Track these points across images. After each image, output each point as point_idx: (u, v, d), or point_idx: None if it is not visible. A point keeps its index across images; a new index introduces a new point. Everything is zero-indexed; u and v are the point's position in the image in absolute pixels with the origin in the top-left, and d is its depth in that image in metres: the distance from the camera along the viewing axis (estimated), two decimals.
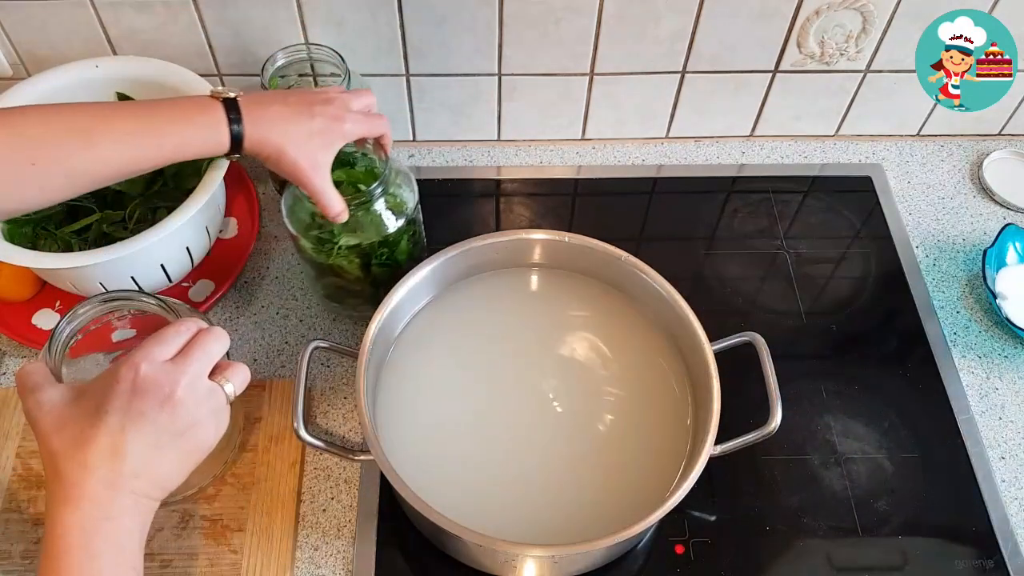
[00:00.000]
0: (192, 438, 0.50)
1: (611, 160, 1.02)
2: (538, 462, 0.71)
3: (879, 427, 0.81)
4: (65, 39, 0.87)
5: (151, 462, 0.48)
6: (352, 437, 0.81)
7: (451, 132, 1.01)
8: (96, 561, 0.46)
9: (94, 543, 0.46)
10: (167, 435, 0.48)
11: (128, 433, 0.47)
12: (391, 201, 0.76)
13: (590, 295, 0.79)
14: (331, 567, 0.73)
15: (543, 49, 0.90)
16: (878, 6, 0.87)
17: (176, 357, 0.51)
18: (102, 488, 0.46)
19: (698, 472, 0.64)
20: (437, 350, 0.76)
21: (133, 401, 0.47)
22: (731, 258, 0.94)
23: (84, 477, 0.46)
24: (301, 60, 0.86)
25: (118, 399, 0.47)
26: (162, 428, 0.48)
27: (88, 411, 0.48)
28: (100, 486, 0.46)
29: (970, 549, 0.75)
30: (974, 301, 0.91)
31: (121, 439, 0.47)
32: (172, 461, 0.49)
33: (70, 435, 0.47)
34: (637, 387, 0.75)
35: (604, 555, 0.70)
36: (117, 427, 0.47)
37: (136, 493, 0.48)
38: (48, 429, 0.48)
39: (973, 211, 0.98)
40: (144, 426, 0.47)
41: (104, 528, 0.46)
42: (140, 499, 0.48)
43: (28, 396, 0.50)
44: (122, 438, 0.47)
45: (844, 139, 1.04)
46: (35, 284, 0.86)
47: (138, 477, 0.47)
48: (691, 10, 0.87)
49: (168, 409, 0.48)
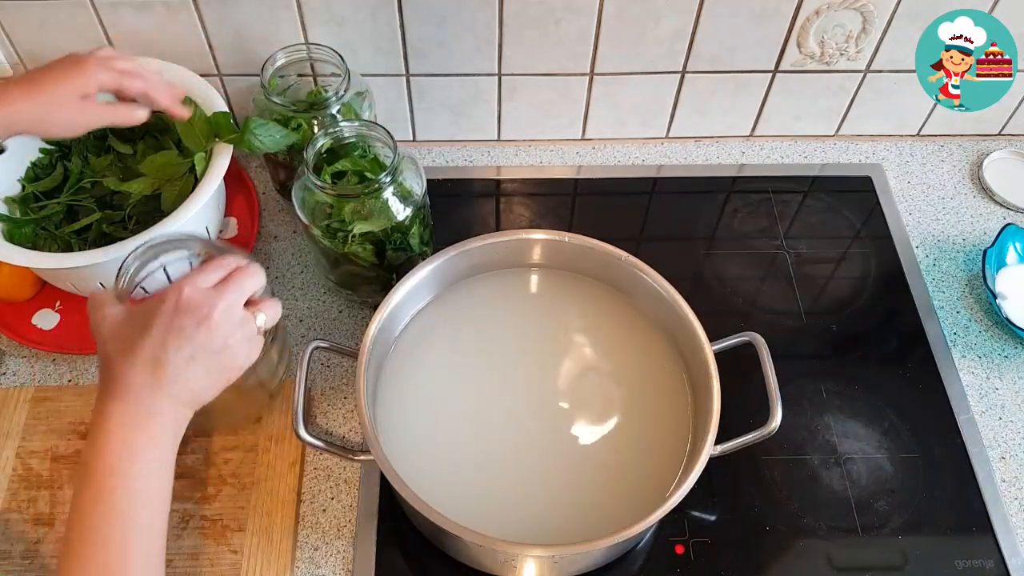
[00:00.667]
0: (224, 357, 0.56)
1: (611, 160, 1.02)
2: (538, 462, 0.71)
3: (879, 427, 0.81)
4: (65, 39, 0.87)
5: (186, 373, 0.54)
6: (352, 437, 0.81)
7: (451, 132, 1.01)
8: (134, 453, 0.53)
9: (134, 436, 0.53)
10: (202, 351, 0.55)
11: (168, 345, 0.54)
12: (399, 189, 0.76)
13: (590, 295, 0.79)
14: (331, 567, 0.73)
15: (543, 49, 0.90)
16: (878, 6, 0.87)
17: (216, 286, 0.57)
18: (144, 388, 0.54)
19: (698, 472, 0.64)
20: (437, 350, 0.76)
21: (175, 319, 0.54)
22: (731, 258, 0.94)
23: (130, 378, 0.54)
24: (301, 60, 0.86)
25: (162, 316, 0.54)
26: (198, 345, 0.55)
27: (138, 324, 0.55)
28: (143, 386, 0.54)
29: (970, 549, 0.74)
30: (974, 301, 0.91)
31: (162, 350, 0.54)
32: (205, 375, 0.56)
33: (122, 343, 0.55)
34: (637, 387, 0.75)
35: (604, 555, 0.70)
36: (159, 339, 0.54)
37: (172, 397, 0.54)
38: (106, 337, 0.56)
39: (973, 211, 0.98)
40: (182, 341, 0.54)
41: (144, 423, 0.53)
42: (176, 404, 0.55)
43: (95, 312, 0.57)
44: (163, 349, 0.54)
45: (844, 139, 1.04)
46: (35, 284, 0.86)
47: (175, 383, 0.54)
48: (691, 10, 0.87)
49: (205, 328, 0.55)
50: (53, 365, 0.84)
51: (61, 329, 0.85)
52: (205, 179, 0.78)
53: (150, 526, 0.54)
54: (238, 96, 0.95)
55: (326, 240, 0.77)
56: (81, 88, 0.70)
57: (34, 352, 0.84)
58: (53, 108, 0.70)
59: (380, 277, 0.81)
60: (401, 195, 0.77)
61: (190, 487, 0.75)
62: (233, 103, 0.95)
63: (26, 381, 0.83)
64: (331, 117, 0.83)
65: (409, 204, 0.77)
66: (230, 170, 0.80)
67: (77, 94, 0.70)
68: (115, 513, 0.52)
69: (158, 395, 0.54)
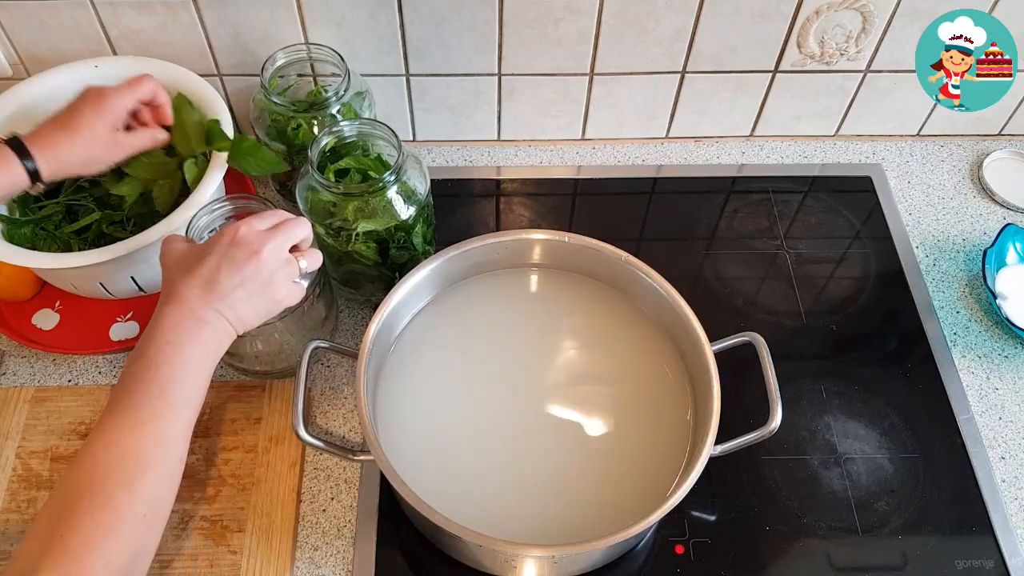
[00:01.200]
0: (269, 290, 0.64)
1: (611, 160, 1.02)
2: (538, 462, 0.71)
3: (879, 427, 0.81)
4: (65, 39, 0.87)
5: (234, 295, 0.62)
6: (352, 437, 0.81)
7: (451, 132, 1.01)
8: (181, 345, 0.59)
9: (183, 334, 0.60)
10: (250, 280, 0.62)
11: (222, 270, 0.61)
12: (403, 188, 0.76)
13: (590, 295, 0.79)
14: (331, 567, 0.73)
15: (543, 49, 0.90)
16: (878, 6, 0.87)
17: (268, 229, 0.64)
18: (197, 300, 0.61)
19: (698, 472, 0.63)
20: (437, 350, 0.76)
21: (230, 250, 0.62)
22: (731, 258, 0.94)
23: (187, 290, 0.61)
24: (301, 60, 0.86)
25: (219, 247, 0.62)
26: (247, 275, 0.62)
27: (198, 253, 0.63)
28: (196, 298, 0.61)
29: (970, 549, 0.74)
30: (974, 301, 0.91)
31: (216, 272, 0.61)
32: (250, 303, 0.63)
33: (184, 266, 0.63)
34: (637, 387, 0.75)
35: (604, 555, 0.70)
36: (215, 265, 0.62)
37: (220, 313, 0.61)
38: (171, 261, 0.64)
39: (973, 211, 0.98)
40: (233, 269, 0.62)
41: (193, 326, 0.60)
42: (222, 319, 0.62)
43: (165, 246, 0.65)
44: (217, 273, 0.61)
45: (844, 139, 1.04)
46: (35, 284, 0.86)
47: (223, 302, 0.61)
48: (691, 10, 0.87)
49: (254, 262, 0.62)
50: (53, 365, 0.84)
51: (61, 329, 0.85)
52: (205, 179, 0.78)
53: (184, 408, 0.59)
54: (238, 96, 0.95)
55: (329, 239, 0.77)
56: (113, 122, 0.75)
57: (34, 352, 0.84)
58: (97, 147, 0.75)
59: (383, 276, 0.81)
60: (405, 194, 0.77)
61: (190, 487, 0.75)
62: (233, 103, 0.95)
63: (26, 381, 0.83)
64: (331, 117, 0.83)
65: (413, 203, 0.77)
66: (230, 170, 0.80)
67: (111, 128, 0.75)
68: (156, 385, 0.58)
69: (208, 308, 0.61)
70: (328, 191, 0.74)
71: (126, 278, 0.80)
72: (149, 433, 0.56)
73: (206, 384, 0.61)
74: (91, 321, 0.85)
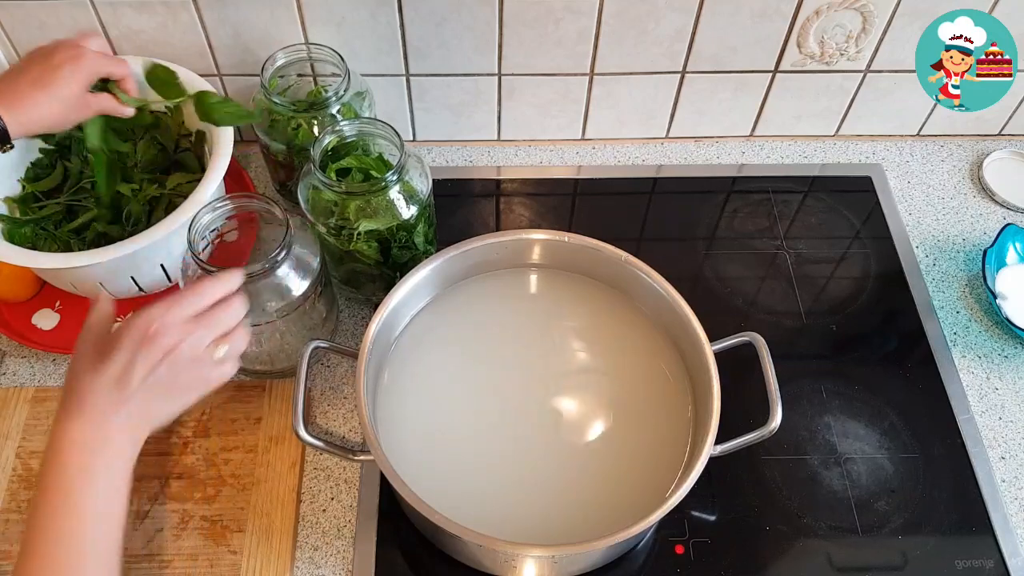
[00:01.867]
0: (183, 387, 0.59)
1: (611, 160, 1.02)
2: (538, 462, 0.71)
3: (879, 427, 0.81)
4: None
5: (146, 397, 0.57)
6: (352, 437, 0.81)
7: (451, 132, 1.01)
8: (90, 476, 0.55)
9: (91, 459, 0.55)
10: (163, 380, 0.58)
11: (132, 370, 0.56)
12: (405, 187, 0.76)
13: (590, 295, 0.79)
14: (331, 567, 0.73)
15: (543, 49, 0.90)
16: (878, 6, 0.87)
17: (193, 319, 0.59)
18: (105, 407, 0.56)
19: (698, 472, 0.63)
20: (437, 350, 0.76)
21: (142, 347, 0.57)
22: (731, 258, 0.94)
23: (93, 395, 0.56)
24: (301, 60, 0.86)
25: (131, 339, 0.57)
26: (159, 374, 0.57)
27: (109, 345, 0.58)
28: (104, 405, 0.56)
29: (970, 549, 0.74)
30: (974, 301, 0.91)
31: (126, 374, 0.56)
32: (163, 402, 0.59)
33: (90, 361, 0.57)
34: (637, 387, 0.75)
35: (604, 555, 0.70)
36: (125, 362, 0.57)
37: (131, 418, 0.57)
38: (79, 352, 0.59)
39: (973, 211, 0.98)
40: (147, 368, 0.57)
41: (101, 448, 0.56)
42: (133, 425, 0.57)
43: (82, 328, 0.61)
44: (127, 373, 0.56)
45: (844, 139, 1.04)
46: (35, 284, 0.86)
47: (133, 404, 0.57)
48: (691, 10, 0.87)
49: (169, 360, 0.57)
50: (53, 365, 0.84)
51: (61, 329, 0.85)
52: (204, 179, 0.77)
53: (104, 547, 0.55)
54: (238, 96, 0.95)
55: (331, 238, 0.77)
56: (87, 81, 0.72)
57: (34, 352, 0.84)
58: (71, 106, 0.72)
59: (384, 276, 0.81)
60: (407, 194, 0.77)
61: (190, 487, 0.75)
62: None
63: (26, 381, 0.83)
64: (331, 117, 0.83)
65: (414, 203, 0.77)
66: (230, 170, 0.80)
67: (84, 88, 0.72)
68: (69, 536, 0.54)
69: (117, 415, 0.56)
70: (330, 190, 0.74)
71: (126, 278, 0.80)
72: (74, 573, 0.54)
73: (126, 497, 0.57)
74: None
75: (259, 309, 0.73)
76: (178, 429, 0.78)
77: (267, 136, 0.85)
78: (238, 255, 0.82)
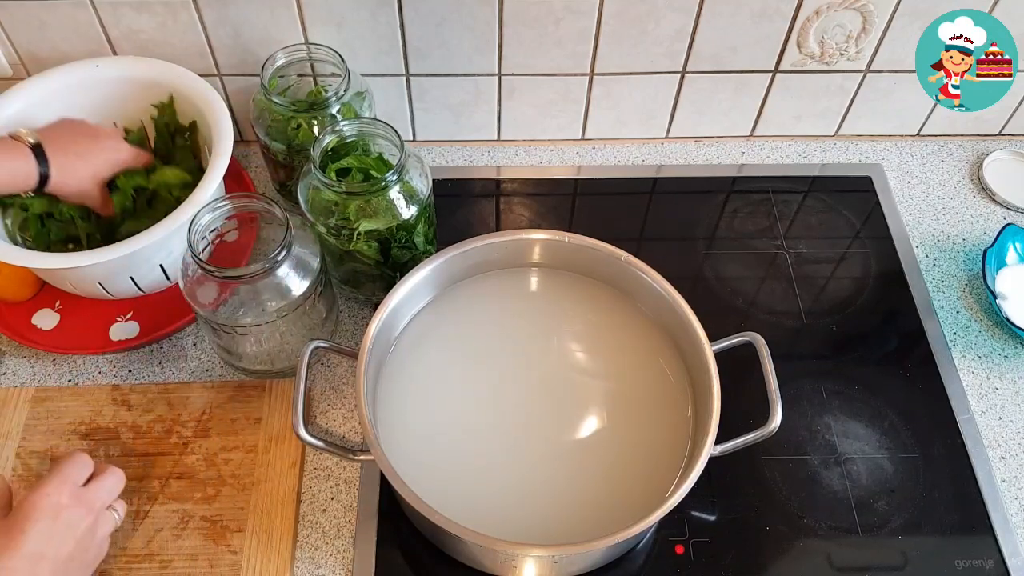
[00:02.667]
0: (94, 553, 0.64)
1: (611, 160, 1.02)
2: (538, 462, 0.71)
3: (879, 427, 0.81)
4: (65, 39, 0.87)
5: (66, 568, 0.60)
6: (352, 437, 0.81)
7: (451, 132, 1.01)
8: None
9: None
10: (82, 549, 0.62)
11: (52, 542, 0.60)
12: (405, 187, 0.76)
13: (590, 295, 0.79)
14: (331, 567, 0.73)
15: (543, 49, 0.90)
16: (878, 6, 0.87)
17: (85, 486, 0.64)
18: None
19: (698, 472, 0.63)
20: (437, 350, 0.76)
21: (61, 515, 0.61)
22: (731, 258, 0.94)
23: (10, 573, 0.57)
24: (301, 60, 0.86)
25: (43, 514, 0.60)
26: (72, 552, 0.61)
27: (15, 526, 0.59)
28: None
29: (970, 549, 0.74)
30: (974, 301, 0.91)
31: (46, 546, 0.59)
32: (78, 572, 0.62)
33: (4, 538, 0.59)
34: (637, 387, 0.75)
35: (604, 555, 0.70)
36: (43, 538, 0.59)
37: None
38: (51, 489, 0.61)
39: (973, 211, 0.98)
40: (68, 537, 0.60)
41: None
42: None
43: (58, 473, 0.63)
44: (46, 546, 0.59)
45: (844, 139, 1.04)
46: (35, 284, 0.86)
47: None
48: (691, 10, 0.87)
49: (85, 540, 0.62)
50: (53, 365, 0.84)
51: (61, 329, 0.85)
52: (204, 179, 0.78)
53: None
54: (238, 96, 0.95)
55: (331, 238, 0.77)
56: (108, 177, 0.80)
57: (34, 352, 0.84)
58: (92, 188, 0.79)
59: (384, 275, 0.81)
60: (407, 194, 0.77)
61: (190, 487, 0.75)
62: (233, 103, 0.95)
63: (26, 381, 0.83)
64: (331, 117, 0.83)
65: (414, 203, 0.77)
66: (230, 170, 0.80)
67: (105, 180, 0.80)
68: None
69: None
70: (331, 190, 0.74)
71: (126, 278, 0.80)
72: None
73: None
74: (91, 321, 0.85)
75: (259, 309, 0.73)
76: (178, 429, 0.79)
77: (267, 136, 0.85)
78: (238, 255, 0.82)
